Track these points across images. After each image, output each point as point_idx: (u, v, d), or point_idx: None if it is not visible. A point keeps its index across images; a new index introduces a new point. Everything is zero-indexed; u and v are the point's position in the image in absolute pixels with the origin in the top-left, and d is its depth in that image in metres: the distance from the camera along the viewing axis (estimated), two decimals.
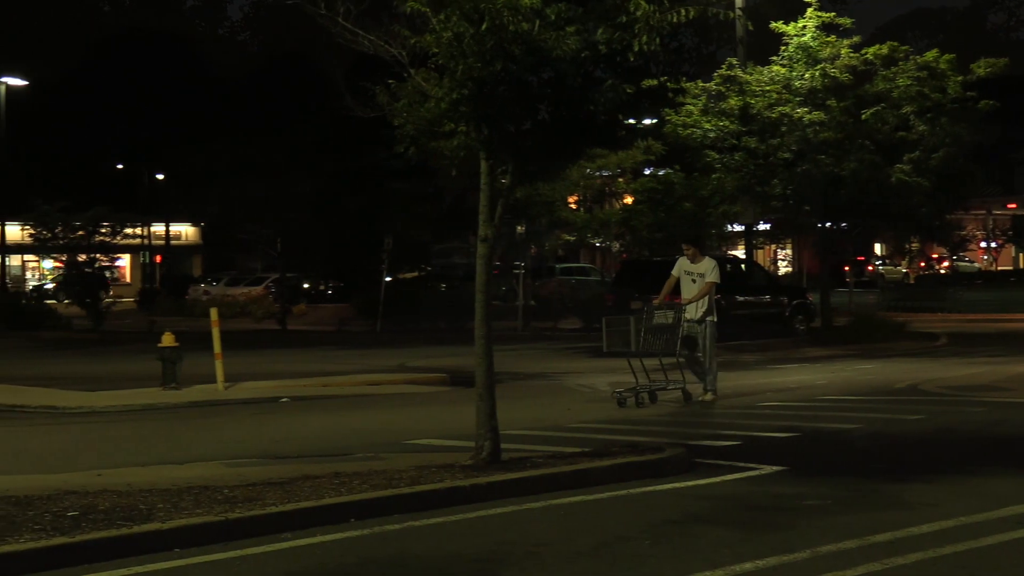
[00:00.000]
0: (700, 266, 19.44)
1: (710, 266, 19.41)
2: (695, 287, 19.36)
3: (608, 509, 11.15)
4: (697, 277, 19.37)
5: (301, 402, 20.90)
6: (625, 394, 18.92)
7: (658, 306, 19.28)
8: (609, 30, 11.85)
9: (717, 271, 19.44)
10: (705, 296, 19.21)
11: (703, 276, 19.28)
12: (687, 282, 19.55)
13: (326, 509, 10.58)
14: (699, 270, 19.40)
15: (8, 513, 10.11)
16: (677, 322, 18.90)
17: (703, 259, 19.59)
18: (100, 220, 45.54)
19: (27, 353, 34.51)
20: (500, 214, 12.86)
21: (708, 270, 19.32)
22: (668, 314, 19.02)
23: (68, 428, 18.02)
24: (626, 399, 18.85)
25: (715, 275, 19.32)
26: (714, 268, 19.40)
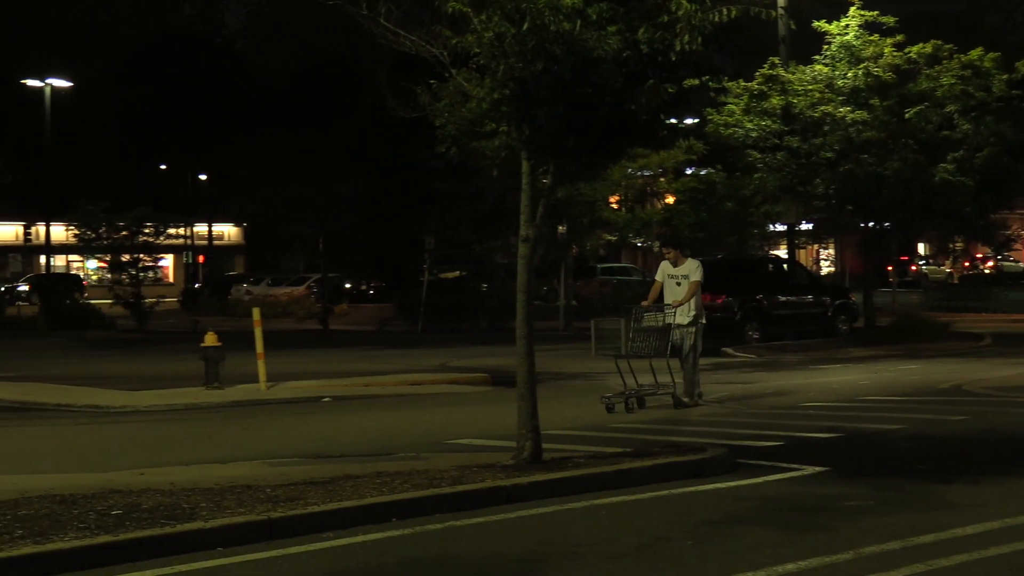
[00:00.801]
0: (683, 268, 19.03)
1: (693, 266, 18.99)
2: (681, 290, 18.91)
3: (650, 509, 11.12)
4: (681, 279, 18.95)
5: (343, 402, 20.96)
6: (614, 399, 18.25)
7: (647, 308, 18.72)
8: (651, 30, 11.82)
9: (701, 270, 18.98)
10: (693, 297, 18.79)
11: (687, 277, 18.88)
12: (671, 285, 19.08)
13: (368, 509, 10.60)
14: (683, 272, 18.99)
15: (53, 511, 10.18)
16: (667, 324, 18.43)
17: (685, 260, 19.14)
18: (143, 220, 45.81)
19: (72, 353, 34.76)
20: (541, 214, 12.85)
21: (692, 270, 18.93)
22: (658, 316, 18.52)
23: (112, 427, 18.14)
24: (615, 404, 18.19)
25: (699, 274, 18.90)
26: (698, 268, 18.98)
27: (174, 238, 57.07)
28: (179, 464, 13.45)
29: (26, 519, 9.89)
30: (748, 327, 32.04)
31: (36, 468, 13.55)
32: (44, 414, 19.92)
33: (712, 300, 31.60)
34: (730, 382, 23.39)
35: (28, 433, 17.71)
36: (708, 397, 20.32)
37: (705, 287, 19.61)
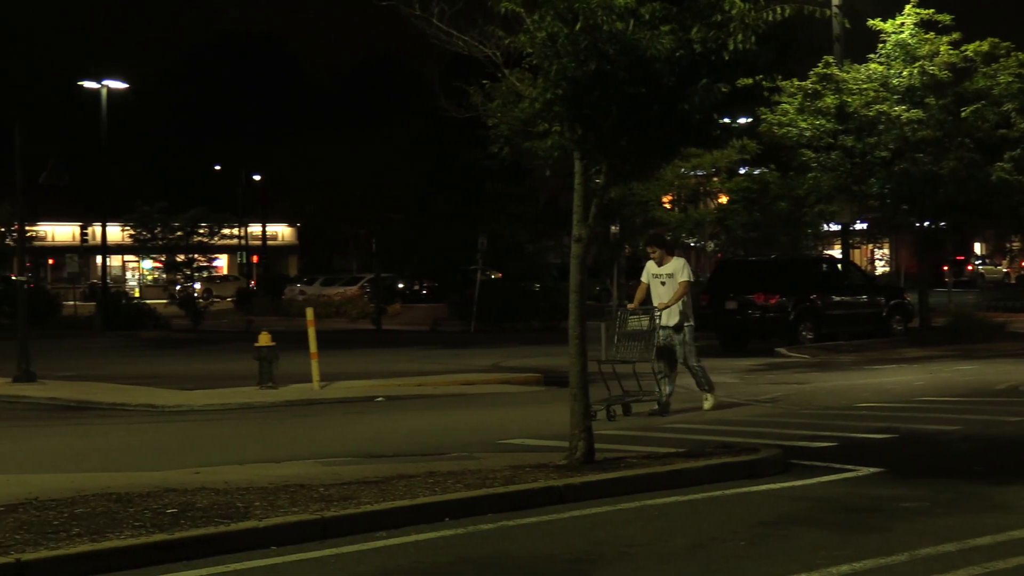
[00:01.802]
0: (668, 267, 18.18)
1: (679, 265, 18.17)
2: (666, 290, 18.08)
3: (702, 510, 11.09)
4: (667, 279, 18.12)
5: (396, 401, 21.01)
6: (596, 407, 16.30)
7: (632, 310, 17.96)
8: (704, 29, 11.79)
9: (688, 269, 18.17)
10: (681, 298, 17.97)
11: (673, 277, 18.06)
12: (656, 285, 18.21)
13: (421, 508, 10.62)
14: (668, 271, 18.15)
15: (109, 509, 10.27)
16: (653, 327, 17.63)
17: (671, 259, 18.32)
18: (198, 221, 46.16)
19: (128, 352, 35.04)
20: (594, 214, 12.84)
21: (678, 270, 18.09)
22: (643, 319, 17.72)
23: (167, 426, 18.27)
24: (596, 412, 16.28)
25: (687, 274, 18.05)
26: (684, 267, 18.17)
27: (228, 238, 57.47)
28: (233, 463, 13.53)
29: (83, 517, 9.98)
30: (802, 327, 31.90)
31: (92, 467, 13.66)
32: (100, 413, 20.10)
33: (766, 300, 31.57)
34: (783, 382, 23.29)
35: (85, 432, 17.86)
36: (761, 397, 20.24)
37: (758, 287, 19.46)
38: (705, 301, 33.08)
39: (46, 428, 18.41)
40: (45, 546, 9.02)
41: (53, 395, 22.08)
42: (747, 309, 31.84)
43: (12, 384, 23.72)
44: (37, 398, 21.97)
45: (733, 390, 21.82)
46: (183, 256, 46.14)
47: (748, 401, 20.10)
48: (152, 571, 8.94)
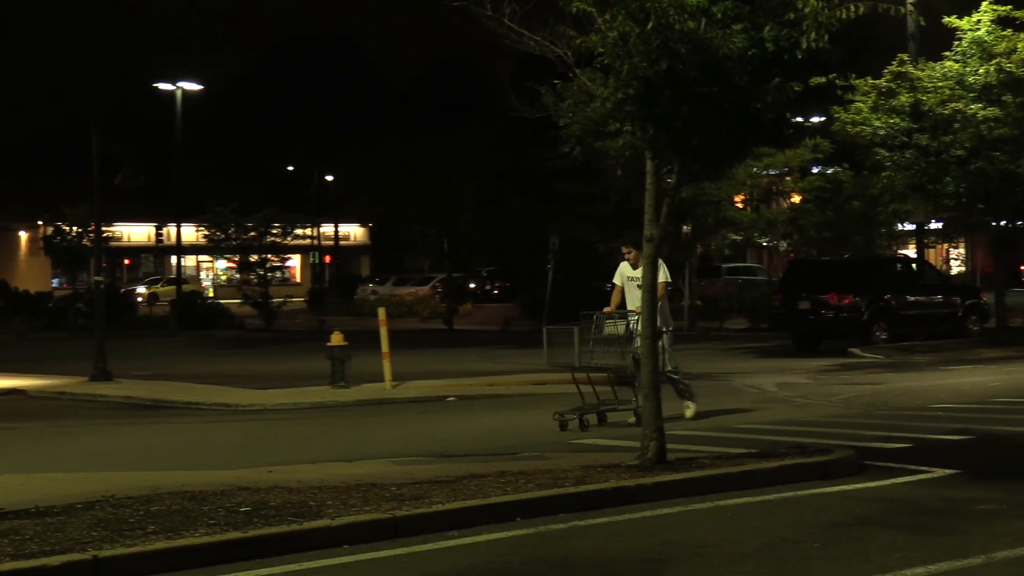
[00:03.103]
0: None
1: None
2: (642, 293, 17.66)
3: (775, 511, 11.03)
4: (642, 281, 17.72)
5: (467, 401, 21.05)
6: (568, 415, 16.62)
7: (608, 315, 17.00)
8: (776, 27, 11.73)
9: (665, 269, 16.61)
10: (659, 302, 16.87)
11: None
12: (632, 288, 17.04)
13: (492, 508, 10.63)
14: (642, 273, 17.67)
15: (184, 508, 10.36)
16: (630, 332, 16.59)
17: None
18: (271, 221, 46.44)
19: (202, 352, 35.36)
20: (666, 214, 12.81)
21: None
22: (619, 324, 16.81)
23: (241, 425, 18.42)
24: (568, 421, 16.57)
25: (664, 274, 16.57)
26: (661, 267, 16.63)
27: (301, 238, 57.79)
28: (306, 462, 13.61)
29: (158, 515, 10.08)
30: (876, 327, 31.63)
31: (167, 465, 13.80)
32: (175, 412, 20.30)
33: (839, 300, 31.33)
34: (857, 383, 23.10)
35: (159, 431, 18.05)
36: (835, 398, 20.10)
37: (832, 286, 19.14)
38: (778, 301, 32.94)
39: (122, 427, 18.62)
40: (121, 543, 9.12)
41: (129, 394, 22.32)
42: (820, 309, 31.62)
43: (89, 383, 24.01)
44: (113, 397, 22.22)
45: (806, 390, 21.69)
46: (256, 256, 46.43)
47: (821, 401, 19.97)
48: (226, 568, 9.01)
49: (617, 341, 16.69)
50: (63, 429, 18.25)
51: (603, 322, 16.85)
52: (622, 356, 16.68)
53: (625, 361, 16.65)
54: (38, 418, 19.83)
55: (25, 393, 23.13)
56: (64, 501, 10.64)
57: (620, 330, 16.73)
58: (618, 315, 16.94)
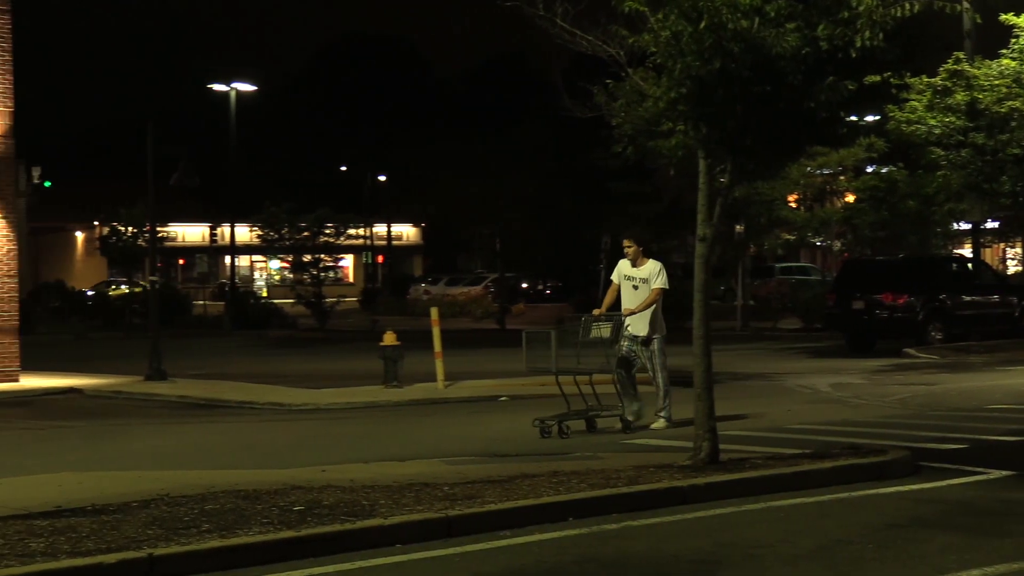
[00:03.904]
0: (643, 270, 16.44)
1: (655, 270, 16.37)
2: (637, 295, 16.39)
3: (829, 512, 10.97)
4: (640, 283, 16.41)
5: (519, 401, 21.03)
6: (548, 422, 15.87)
7: (596, 317, 16.38)
8: (830, 26, 11.68)
9: (664, 276, 16.33)
10: (652, 307, 16.34)
11: (647, 282, 16.34)
12: (628, 289, 16.53)
13: (545, 507, 10.64)
14: (642, 275, 16.42)
15: (238, 506, 10.42)
16: (616, 336, 16.17)
17: (647, 261, 16.48)
18: (324, 221, 46.61)
19: (255, 351, 35.54)
20: (719, 213, 12.77)
21: (653, 275, 16.33)
22: (605, 326, 16.15)
23: (294, 425, 18.50)
24: (550, 428, 15.83)
25: (662, 280, 16.27)
26: (660, 272, 16.34)
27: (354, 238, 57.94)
28: (359, 461, 13.65)
29: (212, 513, 10.14)
30: (931, 327, 31.40)
31: (221, 464, 13.87)
32: (229, 411, 20.41)
33: (894, 300, 31.12)
34: (912, 383, 22.94)
35: (214, 430, 18.16)
36: (889, 398, 19.97)
37: (886, 286, 18.96)
38: (831, 301, 32.78)
39: (177, 425, 18.74)
40: (176, 541, 9.19)
41: (183, 393, 22.46)
42: (874, 309, 31.43)
43: (144, 382, 24.18)
44: (168, 396, 22.36)
45: (860, 391, 21.57)
46: (309, 256, 46.62)
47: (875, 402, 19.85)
48: (279, 567, 9.05)
49: (603, 345, 16.15)
50: (119, 428, 18.39)
51: (591, 324, 16.28)
52: (606, 359, 16.15)
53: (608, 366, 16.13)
54: (94, 417, 19.99)
55: (82, 392, 23.32)
56: (120, 499, 10.73)
57: (605, 333, 16.16)
58: (604, 317, 16.33)
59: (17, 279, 24.66)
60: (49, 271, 74.50)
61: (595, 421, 16.30)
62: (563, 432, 15.73)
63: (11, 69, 24.13)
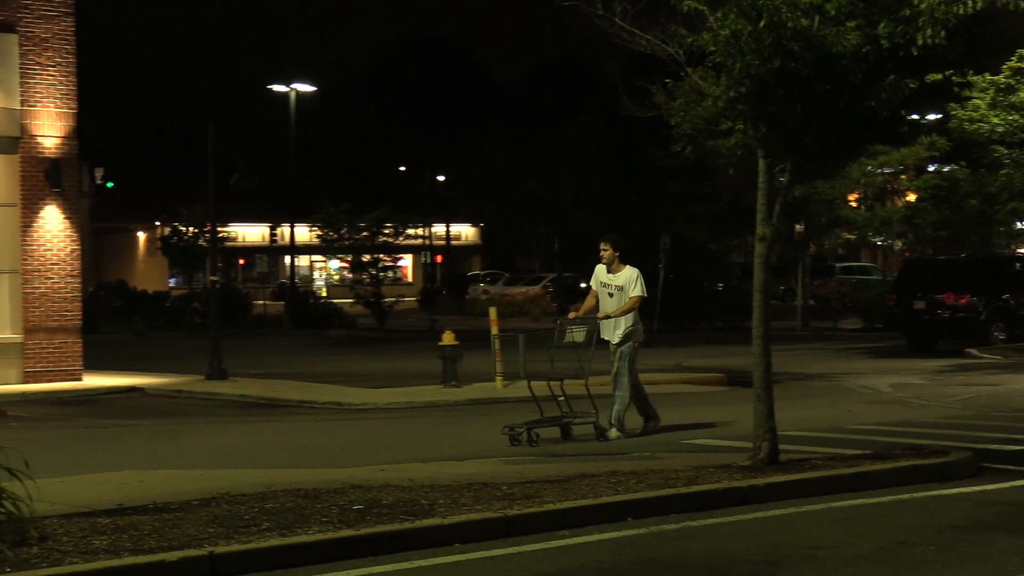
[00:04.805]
0: (619, 277, 15.86)
1: (632, 276, 15.78)
2: (614, 302, 15.84)
3: (890, 513, 10.90)
4: (615, 291, 15.85)
5: (577, 401, 21.00)
6: (518, 429, 15.29)
7: (572, 321, 16.00)
8: (891, 24, 11.60)
9: (641, 283, 15.75)
10: (628, 313, 15.79)
11: (623, 290, 15.77)
12: (604, 296, 16.01)
13: (603, 507, 10.63)
14: (617, 282, 15.85)
15: (298, 505, 10.47)
16: (590, 340, 15.65)
17: (623, 268, 15.90)
18: (383, 221, 46.76)
19: (315, 351, 35.70)
20: (778, 213, 12.72)
21: (630, 282, 15.76)
22: (579, 330, 15.74)
23: (353, 424, 18.57)
24: (520, 435, 15.23)
25: (639, 288, 15.72)
26: (637, 279, 15.75)
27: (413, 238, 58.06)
28: (417, 461, 13.68)
29: (272, 512, 10.20)
30: (993, 327, 31.13)
31: (281, 463, 13.94)
32: (289, 411, 20.51)
33: (955, 300, 30.85)
34: (974, 384, 22.74)
35: (274, 429, 18.26)
36: (951, 399, 19.80)
37: (948, 286, 18.77)
38: (892, 301, 32.56)
39: (237, 425, 18.86)
40: (237, 539, 9.25)
41: (244, 392, 22.59)
42: (936, 309, 31.19)
43: (205, 381, 24.35)
44: (229, 395, 22.50)
45: (921, 391, 21.41)
46: (368, 256, 46.79)
47: (937, 402, 19.69)
48: (339, 566, 9.09)
49: (575, 349, 15.71)
50: (180, 427, 18.53)
51: (566, 328, 15.89)
52: (579, 364, 15.65)
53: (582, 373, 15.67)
54: (156, 416, 20.16)
55: (143, 391, 23.51)
56: (181, 498, 10.81)
57: (579, 337, 15.70)
58: (579, 321, 15.90)
59: (80, 279, 24.89)
60: (111, 271, 75.19)
61: (570, 428, 15.74)
62: (532, 440, 15.09)
63: (75, 71, 24.38)
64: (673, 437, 15.76)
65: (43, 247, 24.12)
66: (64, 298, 24.32)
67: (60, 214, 24.29)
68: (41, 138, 24.06)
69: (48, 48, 24.08)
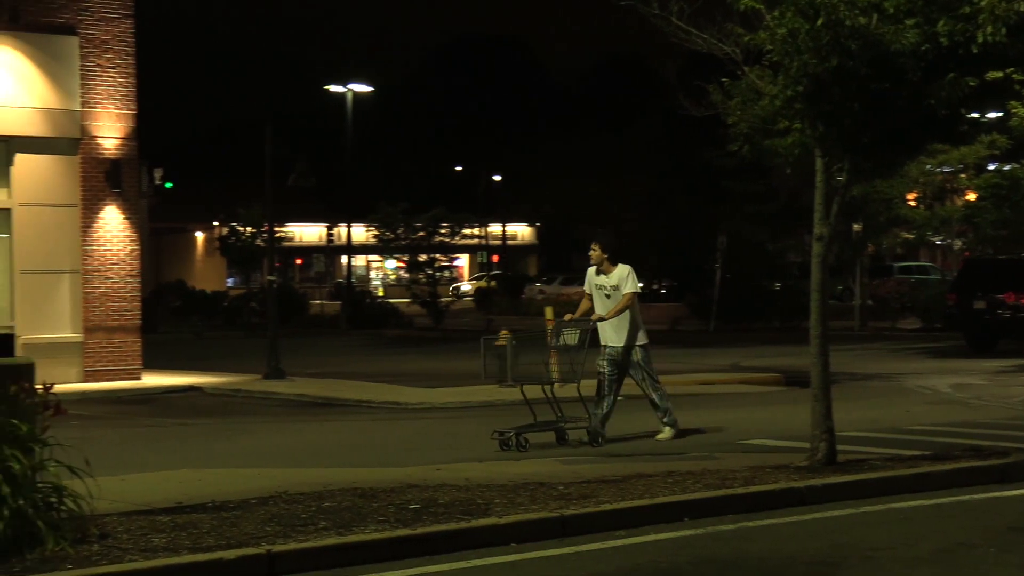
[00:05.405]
0: (612, 276, 15.50)
1: (624, 274, 15.45)
2: (610, 303, 15.45)
3: (949, 515, 10.82)
4: (611, 290, 15.48)
5: (633, 401, 20.94)
6: (507, 434, 14.89)
7: (567, 323, 15.62)
8: (951, 22, 11.52)
9: (634, 280, 15.47)
10: (625, 312, 15.39)
11: (618, 288, 15.40)
12: (599, 297, 15.60)
13: (659, 508, 10.61)
14: (611, 282, 15.49)
15: (355, 504, 10.51)
16: (583, 343, 15.32)
17: (614, 267, 15.54)
18: (440, 221, 46.86)
19: (371, 350, 35.81)
20: (836, 212, 12.66)
21: (623, 279, 15.40)
22: (572, 334, 15.39)
23: (409, 423, 18.62)
24: (510, 440, 14.81)
25: (632, 285, 15.41)
26: (629, 275, 15.45)
27: (469, 238, 58.14)
28: (473, 460, 13.70)
29: (329, 511, 10.24)
30: None
31: (338, 461, 14.00)
32: (345, 410, 20.59)
33: (1016, 299, 30.55)
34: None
35: (330, 428, 18.34)
36: (1012, 399, 19.62)
37: (1009, 285, 18.58)
38: (952, 301, 32.30)
39: (294, 424, 18.95)
40: (294, 538, 9.30)
41: (301, 392, 22.70)
42: (996, 309, 30.90)
43: (263, 381, 24.48)
44: (286, 395, 22.61)
45: (981, 392, 21.23)
46: (425, 256, 46.91)
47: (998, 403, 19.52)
48: (395, 565, 9.11)
49: (567, 353, 15.50)
50: (238, 426, 18.64)
51: (562, 330, 15.60)
52: (571, 368, 15.40)
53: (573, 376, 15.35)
54: (214, 415, 20.29)
55: (201, 390, 23.67)
56: (239, 496, 10.88)
57: (571, 340, 15.39)
58: (573, 324, 15.53)
59: (139, 279, 25.09)
60: (170, 271, 75.76)
61: (565, 433, 15.33)
62: (521, 445, 14.72)
63: (134, 73, 24.58)
64: (730, 437, 15.71)
65: (103, 247, 24.34)
66: (124, 298, 24.53)
67: (120, 214, 24.49)
68: (101, 139, 24.27)
69: (108, 50, 24.29)
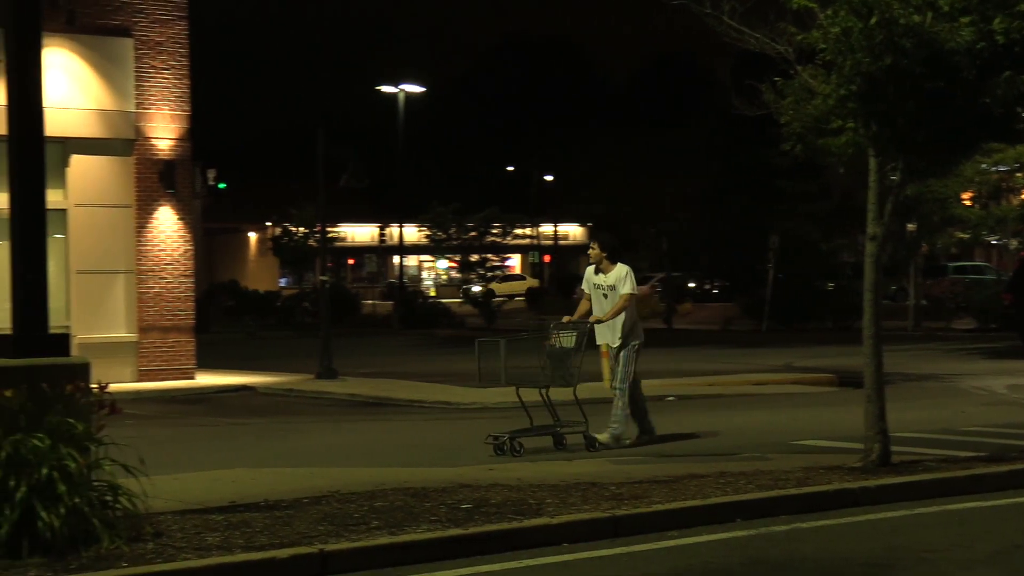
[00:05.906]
0: (610, 276, 15.30)
1: (622, 274, 15.23)
2: (608, 303, 15.26)
3: (1006, 516, 10.73)
4: (608, 291, 15.28)
5: (686, 401, 20.95)
6: (501, 438, 14.75)
7: (563, 325, 15.44)
8: (1007, 19, 11.42)
9: (632, 279, 15.20)
10: (622, 312, 15.16)
11: (615, 288, 15.19)
12: (598, 297, 15.42)
13: (712, 508, 10.58)
14: (609, 281, 15.29)
15: (407, 504, 10.54)
16: (580, 345, 15.13)
17: (613, 267, 15.34)
18: (491, 221, 47.03)
19: (423, 350, 35.89)
20: (889, 212, 12.59)
21: (620, 279, 15.20)
22: (568, 336, 15.23)
23: (461, 423, 18.65)
24: (504, 444, 14.65)
25: (629, 285, 15.14)
26: (627, 276, 15.20)
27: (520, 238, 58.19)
28: (525, 460, 13.71)
29: (381, 510, 10.27)
30: None
31: (390, 461, 14.03)
32: (397, 410, 20.65)
33: None
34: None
35: (383, 428, 18.39)
36: None
37: None
38: (1007, 301, 32.08)
39: (347, 423, 19.01)
40: (347, 538, 9.33)
41: (353, 392, 22.77)
42: None
43: (316, 380, 24.57)
44: (338, 394, 22.69)
45: None
46: (477, 256, 47.00)
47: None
48: (447, 564, 9.13)
49: (566, 355, 15.29)
50: (290, 425, 18.72)
51: (559, 331, 15.41)
52: (567, 371, 15.25)
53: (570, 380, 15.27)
54: (266, 414, 20.38)
55: (254, 390, 23.79)
56: (292, 495, 10.93)
57: (567, 343, 15.23)
58: (571, 326, 15.35)
59: (193, 279, 25.25)
60: (223, 271, 76.18)
61: (563, 437, 15.13)
62: (515, 450, 14.53)
63: (188, 74, 24.74)
64: (782, 438, 15.64)
65: (157, 247, 24.51)
66: (177, 298, 24.68)
67: (174, 215, 24.66)
68: (155, 140, 24.44)
69: (162, 52, 24.46)
